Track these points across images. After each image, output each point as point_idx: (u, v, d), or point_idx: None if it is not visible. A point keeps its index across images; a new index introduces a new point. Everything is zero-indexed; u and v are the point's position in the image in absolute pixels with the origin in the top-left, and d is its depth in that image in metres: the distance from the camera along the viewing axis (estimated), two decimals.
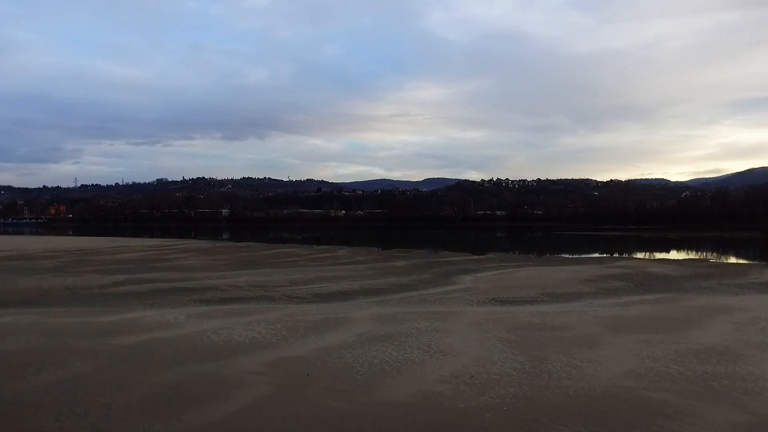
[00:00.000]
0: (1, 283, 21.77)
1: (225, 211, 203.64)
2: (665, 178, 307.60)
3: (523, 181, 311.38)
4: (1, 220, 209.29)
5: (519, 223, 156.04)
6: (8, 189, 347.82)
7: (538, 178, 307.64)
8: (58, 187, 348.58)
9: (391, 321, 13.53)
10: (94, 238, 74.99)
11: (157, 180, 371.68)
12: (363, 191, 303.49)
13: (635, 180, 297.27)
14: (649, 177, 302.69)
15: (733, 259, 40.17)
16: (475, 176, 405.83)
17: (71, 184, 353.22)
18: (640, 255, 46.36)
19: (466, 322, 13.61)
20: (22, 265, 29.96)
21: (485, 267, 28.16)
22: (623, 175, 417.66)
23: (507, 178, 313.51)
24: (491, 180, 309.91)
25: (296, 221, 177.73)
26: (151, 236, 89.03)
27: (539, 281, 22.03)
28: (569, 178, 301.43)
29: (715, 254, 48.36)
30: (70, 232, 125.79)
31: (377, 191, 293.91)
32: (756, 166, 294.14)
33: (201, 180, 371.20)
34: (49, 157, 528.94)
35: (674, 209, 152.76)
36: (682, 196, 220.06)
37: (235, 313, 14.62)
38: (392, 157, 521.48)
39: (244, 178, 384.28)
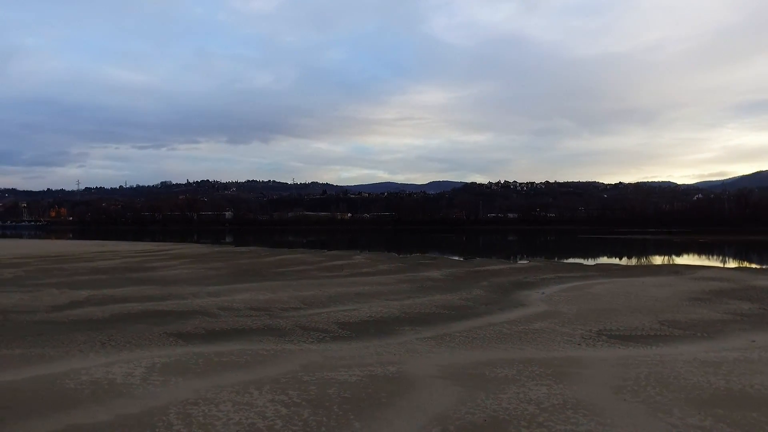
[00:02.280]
0: None
1: (228, 214, 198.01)
2: (670, 181, 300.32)
3: (532, 183, 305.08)
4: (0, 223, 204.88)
5: (532, 226, 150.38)
6: (12, 192, 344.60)
7: (546, 181, 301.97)
8: (62, 190, 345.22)
9: (478, 383, 8.15)
10: (84, 241, 69.93)
11: (161, 183, 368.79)
12: (369, 194, 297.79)
13: (643, 183, 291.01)
14: (654, 180, 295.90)
15: None
16: (479, 179, 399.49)
17: (76, 187, 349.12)
18: (689, 261, 41.10)
19: (603, 383, 8.24)
20: (21, 275, 24.73)
21: (544, 279, 22.65)
22: (628, 178, 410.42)
23: (515, 181, 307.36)
24: (498, 183, 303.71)
25: (301, 224, 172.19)
26: (151, 240, 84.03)
27: (635, 301, 16.56)
28: (575, 180, 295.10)
29: None
30: (69, 236, 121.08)
31: (383, 194, 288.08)
32: (764, 169, 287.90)
33: (205, 183, 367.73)
34: (55, 160, 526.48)
35: (693, 212, 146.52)
36: (695, 198, 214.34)
37: (223, 364, 9.23)
38: (396, 161, 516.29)
39: (248, 181, 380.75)
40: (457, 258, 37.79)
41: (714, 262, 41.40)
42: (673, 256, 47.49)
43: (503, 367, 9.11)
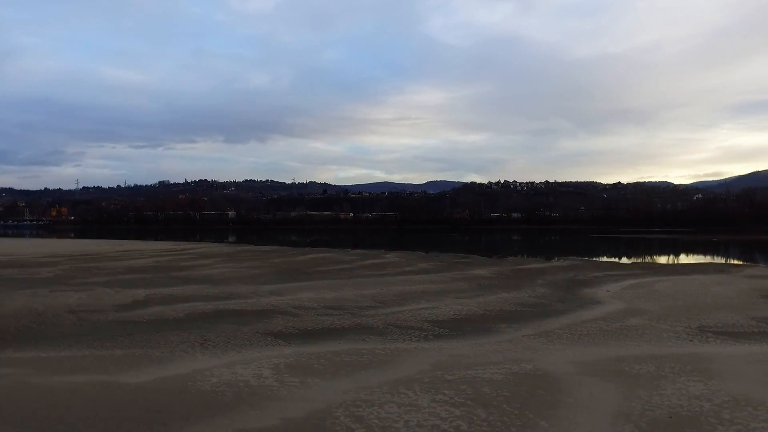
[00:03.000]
0: None
1: (231, 213, 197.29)
2: (666, 181, 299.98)
3: (532, 183, 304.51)
4: (1, 222, 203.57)
5: (536, 226, 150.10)
6: (9, 191, 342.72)
7: (546, 181, 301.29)
8: (59, 189, 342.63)
9: (627, 380, 7.94)
10: (97, 240, 69.37)
11: (159, 182, 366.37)
12: (369, 193, 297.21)
13: (642, 183, 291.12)
14: (650, 180, 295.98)
15: None
16: (476, 179, 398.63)
17: (73, 187, 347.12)
18: (720, 260, 41.00)
19: (753, 379, 8.01)
20: (12, 274, 24.29)
21: (596, 278, 22.35)
22: (625, 178, 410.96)
23: (515, 181, 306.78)
24: (498, 182, 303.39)
25: (305, 223, 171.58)
26: (156, 239, 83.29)
27: (710, 299, 16.31)
28: (574, 180, 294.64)
29: None
30: (72, 235, 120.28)
31: (384, 193, 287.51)
32: (760, 169, 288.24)
33: (203, 182, 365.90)
34: (51, 160, 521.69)
35: (697, 211, 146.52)
36: (694, 198, 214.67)
37: (347, 364, 8.90)
38: (393, 161, 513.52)
39: (246, 180, 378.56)
40: (484, 257, 37.44)
41: (745, 261, 41.22)
42: (702, 255, 47.40)
43: (637, 364, 8.83)
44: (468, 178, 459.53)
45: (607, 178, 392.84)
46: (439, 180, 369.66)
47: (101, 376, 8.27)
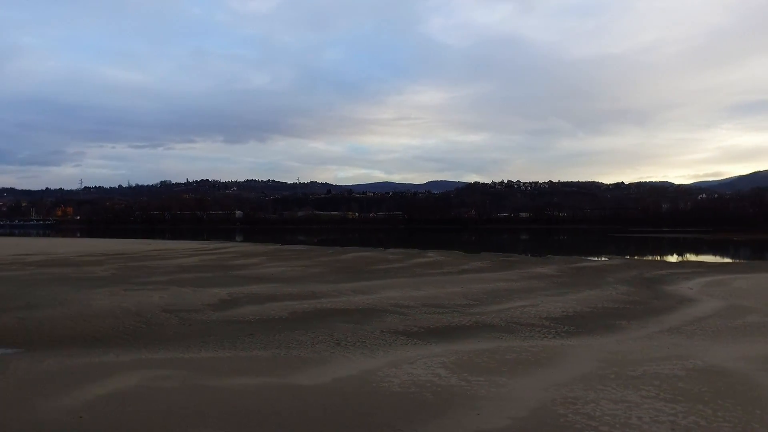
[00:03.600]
0: (64, 301, 15.89)
1: (238, 213, 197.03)
2: (666, 180, 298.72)
3: (536, 183, 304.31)
4: (7, 222, 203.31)
5: (545, 225, 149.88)
6: (11, 191, 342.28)
7: (550, 181, 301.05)
8: (61, 189, 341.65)
9: None
10: (115, 240, 69.05)
11: (161, 182, 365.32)
12: (374, 193, 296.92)
13: (643, 183, 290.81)
14: (650, 180, 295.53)
15: None
16: (476, 179, 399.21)
17: (74, 186, 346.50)
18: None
19: None
20: (67, 273, 24.07)
21: (669, 275, 22.20)
22: (624, 178, 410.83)
23: (518, 180, 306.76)
24: (501, 182, 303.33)
25: (312, 223, 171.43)
26: (168, 238, 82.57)
27: None
28: (575, 180, 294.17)
29: None
30: (78, 234, 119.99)
31: (389, 193, 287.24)
32: (761, 169, 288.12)
33: (205, 182, 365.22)
34: (51, 160, 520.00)
35: (708, 211, 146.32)
36: (699, 198, 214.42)
37: (512, 361, 8.72)
38: (393, 161, 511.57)
39: (247, 180, 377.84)
40: (527, 256, 37.25)
41: None
42: (744, 253, 47.22)
43: None
44: (468, 178, 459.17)
45: (607, 178, 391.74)
46: (440, 180, 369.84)
47: (272, 378, 8.07)
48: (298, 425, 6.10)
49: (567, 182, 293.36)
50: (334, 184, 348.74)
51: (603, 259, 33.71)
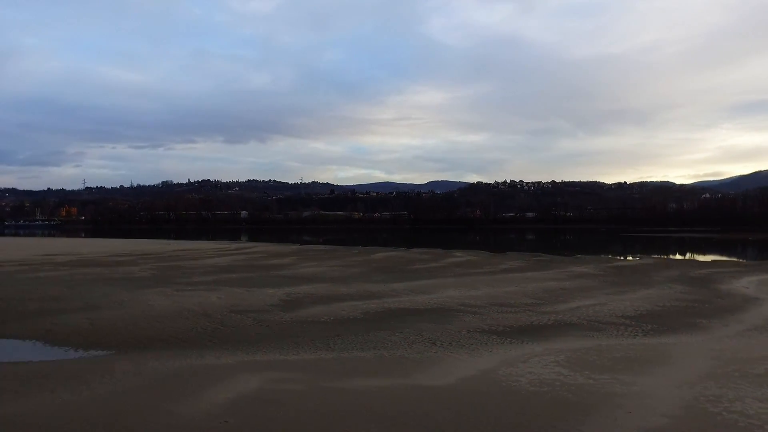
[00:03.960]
0: (122, 302, 15.90)
1: (244, 213, 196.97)
2: (666, 180, 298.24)
3: (539, 183, 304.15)
4: (12, 222, 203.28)
5: (551, 225, 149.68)
6: (13, 191, 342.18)
7: (553, 181, 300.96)
8: (63, 190, 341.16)
9: None
10: (131, 240, 69.01)
11: (163, 182, 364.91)
12: (377, 193, 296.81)
13: (646, 183, 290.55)
14: (651, 180, 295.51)
15: None
16: (477, 179, 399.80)
17: (75, 187, 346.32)
18: None
19: None
20: (105, 274, 23.99)
21: (709, 274, 22.16)
22: (624, 178, 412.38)
23: (521, 180, 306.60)
24: (504, 182, 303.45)
25: (318, 223, 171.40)
26: (176, 238, 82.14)
27: None
28: (576, 180, 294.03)
29: None
30: (83, 234, 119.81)
31: (392, 193, 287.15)
32: (762, 169, 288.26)
33: (207, 182, 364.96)
34: (51, 160, 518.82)
35: (714, 211, 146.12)
36: (702, 197, 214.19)
37: (624, 359, 8.69)
38: (393, 161, 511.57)
39: (249, 180, 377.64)
40: (558, 255, 37.23)
41: None
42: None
43: None
44: (468, 178, 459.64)
45: (607, 178, 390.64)
46: (440, 180, 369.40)
47: (394, 379, 8.00)
48: (442, 426, 6.05)
49: (570, 182, 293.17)
50: (335, 184, 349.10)
51: (634, 258, 33.62)
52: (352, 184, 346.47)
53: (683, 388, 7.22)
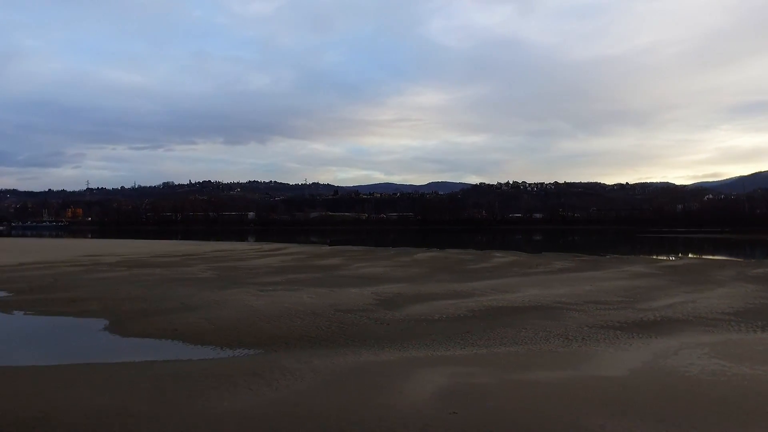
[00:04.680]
0: (215, 302, 16.40)
1: (251, 215, 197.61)
2: (666, 181, 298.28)
3: (542, 184, 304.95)
4: (20, 223, 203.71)
5: (559, 226, 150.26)
6: (14, 192, 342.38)
7: (556, 182, 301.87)
8: (63, 191, 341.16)
9: None
10: (149, 241, 69.56)
11: (164, 183, 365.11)
12: (381, 194, 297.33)
13: (647, 184, 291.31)
14: (650, 181, 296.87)
15: None
16: (476, 180, 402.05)
17: (76, 188, 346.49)
18: None
19: None
20: (167, 274, 24.51)
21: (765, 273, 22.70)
22: (624, 179, 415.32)
23: (524, 181, 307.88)
24: (507, 183, 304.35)
25: (327, 224, 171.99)
26: (190, 239, 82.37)
27: None
28: (577, 181, 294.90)
29: None
30: (89, 235, 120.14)
31: (396, 194, 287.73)
32: (762, 170, 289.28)
33: (208, 183, 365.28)
34: (51, 161, 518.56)
35: (723, 212, 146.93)
36: (705, 198, 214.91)
37: None
38: (393, 162, 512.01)
39: (250, 181, 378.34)
40: (589, 255, 37.78)
41: None
42: None
43: None
44: (468, 179, 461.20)
45: (607, 179, 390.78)
46: (441, 181, 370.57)
47: (570, 372, 8.41)
48: (664, 410, 6.52)
49: (572, 183, 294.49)
50: (336, 185, 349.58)
51: (677, 258, 34.17)
52: (352, 185, 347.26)
53: None
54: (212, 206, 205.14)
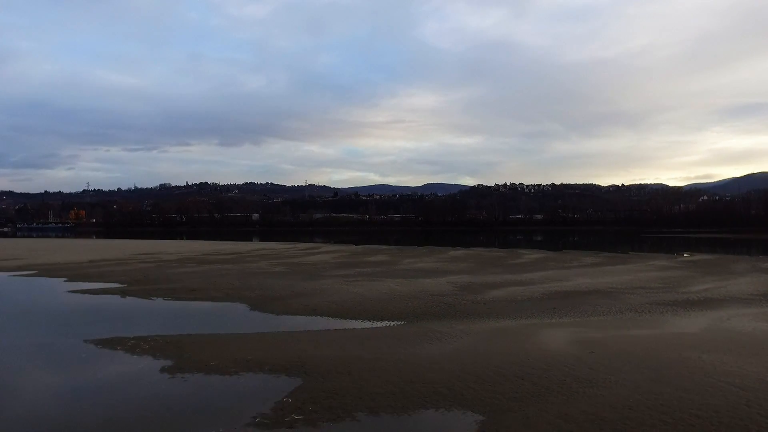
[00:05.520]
0: (321, 290, 19.32)
1: (256, 216, 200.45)
2: (659, 182, 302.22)
3: (539, 185, 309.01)
4: (25, 225, 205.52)
5: (560, 227, 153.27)
6: (10, 194, 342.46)
7: (553, 183, 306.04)
8: (60, 192, 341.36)
9: None
10: (171, 242, 72.14)
11: (161, 185, 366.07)
12: (380, 195, 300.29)
13: (643, 185, 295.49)
14: (643, 182, 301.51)
15: None
16: (470, 182, 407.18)
17: (71, 189, 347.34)
18: None
19: None
20: (250, 268, 27.39)
21: None
22: (617, 180, 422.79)
23: (521, 183, 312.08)
24: (505, 185, 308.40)
25: (331, 225, 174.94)
26: (184, 239, 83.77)
27: None
28: (571, 182, 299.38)
29: None
30: (94, 236, 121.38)
31: (395, 196, 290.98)
32: (755, 171, 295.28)
33: (205, 185, 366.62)
34: (44, 163, 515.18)
35: (720, 213, 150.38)
36: (700, 200, 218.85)
37: None
38: (387, 163, 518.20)
39: (246, 183, 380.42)
40: (614, 254, 40.96)
41: None
42: None
43: None
44: (462, 181, 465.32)
45: (601, 180, 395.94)
46: (436, 182, 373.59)
47: (654, 330, 11.53)
48: (747, 347, 9.57)
49: (569, 184, 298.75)
50: (331, 186, 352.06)
51: (692, 255, 37.34)
52: (347, 186, 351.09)
53: None
54: (216, 208, 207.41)
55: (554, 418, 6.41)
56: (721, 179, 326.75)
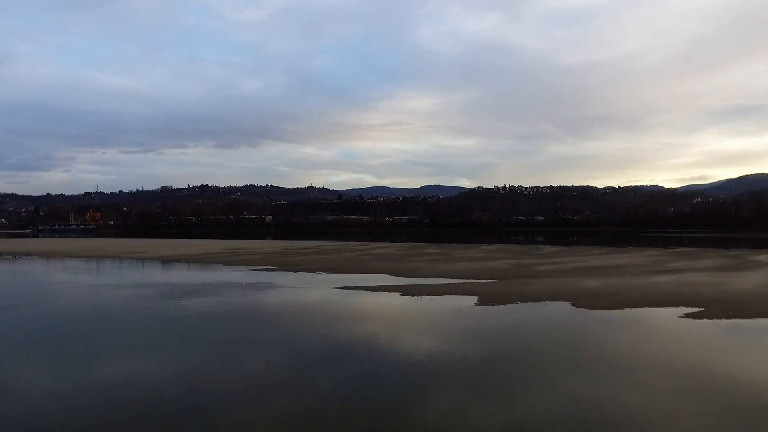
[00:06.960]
0: (419, 267, 28.24)
1: (269, 218, 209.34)
2: (654, 184, 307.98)
3: (537, 188, 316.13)
4: (47, 227, 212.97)
5: (561, 227, 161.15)
6: (13, 197, 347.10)
7: (551, 185, 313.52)
8: (62, 195, 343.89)
9: None
10: (205, 241, 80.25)
11: (162, 187, 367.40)
12: (384, 198, 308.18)
13: (639, 187, 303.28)
14: (638, 184, 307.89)
15: None
16: (466, 183, 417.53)
17: (72, 192, 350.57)
18: None
19: None
20: (336, 260, 36.18)
21: None
22: (612, 182, 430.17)
23: (520, 185, 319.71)
24: (504, 187, 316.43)
25: (342, 227, 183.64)
26: (198, 239, 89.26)
27: None
28: (568, 184, 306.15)
29: None
30: (111, 236, 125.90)
31: (398, 198, 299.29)
32: (749, 173, 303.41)
33: (206, 187, 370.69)
34: (40, 165, 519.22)
35: (714, 214, 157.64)
36: (694, 201, 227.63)
37: None
38: (384, 165, 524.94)
39: (247, 185, 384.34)
40: (608, 248, 50.02)
41: None
42: None
43: None
44: (459, 182, 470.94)
45: (596, 182, 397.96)
46: (433, 184, 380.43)
47: (643, 281, 20.59)
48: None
49: (567, 186, 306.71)
50: (328, 188, 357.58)
51: (672, 248, 46.38)
52: (345, 188, 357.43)
53: None
54: (231, 210, 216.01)
55: (604, 303, 15.49)
56: (715, 181, 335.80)
